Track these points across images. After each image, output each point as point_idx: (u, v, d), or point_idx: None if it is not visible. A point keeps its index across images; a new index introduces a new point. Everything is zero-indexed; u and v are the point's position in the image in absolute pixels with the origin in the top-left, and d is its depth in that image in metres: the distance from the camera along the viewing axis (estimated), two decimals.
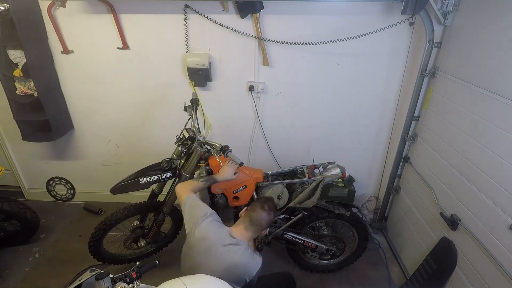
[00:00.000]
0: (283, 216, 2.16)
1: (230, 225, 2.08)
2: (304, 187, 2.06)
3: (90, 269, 1.29)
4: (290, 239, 2.20)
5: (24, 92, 2.42)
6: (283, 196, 2.06)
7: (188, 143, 2.00)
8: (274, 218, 1.68)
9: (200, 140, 1.94)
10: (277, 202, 2.04)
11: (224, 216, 2.09)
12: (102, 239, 2.18)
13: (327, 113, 2.63)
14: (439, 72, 2.15)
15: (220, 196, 2.01)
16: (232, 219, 2.12)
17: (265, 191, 2.05)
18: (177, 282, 1.16)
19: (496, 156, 1.60)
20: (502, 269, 1.55)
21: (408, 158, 2.54)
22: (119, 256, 2.36)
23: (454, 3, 1.97)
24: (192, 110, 2.02)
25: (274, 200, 1.78)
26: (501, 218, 1.56)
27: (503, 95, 1.57)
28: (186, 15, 2.25)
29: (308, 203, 2.05)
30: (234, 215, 2.12)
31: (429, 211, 2.20)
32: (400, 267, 2.54)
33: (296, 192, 2.09)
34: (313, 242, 2.23)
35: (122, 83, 2.54)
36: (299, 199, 2.04)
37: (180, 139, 2.02)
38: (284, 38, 2.29)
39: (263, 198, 1.71)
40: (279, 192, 2.04)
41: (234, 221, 2.12)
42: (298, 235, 2.21)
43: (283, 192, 2.05)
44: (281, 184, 2.05)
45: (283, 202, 2.08)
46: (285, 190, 2.06)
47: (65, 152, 2.93)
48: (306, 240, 2.22)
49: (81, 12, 2.26)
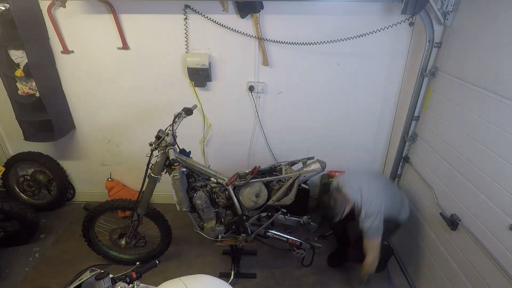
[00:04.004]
0: (266, 214, 2.16)
1: (211, 225, 2.11)
2: (281, 184, 2.04)
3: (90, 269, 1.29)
4: (273, 237, 2.21)
5: (26, 92, 2.42)
6: (262, 194, 2.04)
7: (157, 143, 1.95)
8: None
9: (167, 142, 1.89)
10: (256, 201, 2.03)
11: (205, 216, 2.10)
12: (90, 228, 2.31)
13: (327, 113, 2.64)
14: (439, 72, 2.15)
15: (198, 196, 2.01)
16: (214, 218, 2.12)
17: (243, 190, 2.04)
18: (177, 282, 1.16)
19: (496, 156, 1.60)
20: (502, 269, 1.55)
21: (408, 158, 2.54)
22: (106, 251, 2.43)
23: (454, 3, 1.97)
24: (178, 118, 1.99)
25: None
26: (501, 218, 1.56)
27: (503, 95, 1.57)
28: (186, 15, 2.25)
29: (285, 200, 2.03)
30: (215, 215, 2.12)
31: (429, 211, 2.20)
32: (400, 267, 2.54)
33: (274, 190, 2.07)
34: (297, 239, 2.23)
35: (122, 83, 2.55)
36: (277, 197, 2.02)
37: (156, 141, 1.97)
38: (284, 38, 2.29)
39: None
40: (257, 190, 2.02)
41: (215, 220, 2.13)
42: (281, 233, 2.21)
43: (261, 190, 2.03)
44: (259, 182, 2.03)
45: (262, 200, 2.06)
46: (263, 188, 2.04)
47: (65, 152, 2.93)
48: (290, 238, 2.22)
49: (81, 12, 2.26)
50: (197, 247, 2.64)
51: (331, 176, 2.87)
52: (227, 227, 2.17)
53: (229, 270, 2.41)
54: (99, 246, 2.40)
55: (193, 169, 2.02)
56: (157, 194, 2.17)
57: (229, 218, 2.14)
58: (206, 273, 1.43)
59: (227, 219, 2.15)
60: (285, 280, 2.40)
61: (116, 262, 2.42)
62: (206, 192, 2.05)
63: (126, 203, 2.18)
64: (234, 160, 2.90)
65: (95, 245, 2.38)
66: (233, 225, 2.17)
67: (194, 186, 2.06)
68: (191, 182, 2.06)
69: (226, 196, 2.06)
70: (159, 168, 1.96)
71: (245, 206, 2.06)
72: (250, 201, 2.03)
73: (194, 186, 2.06)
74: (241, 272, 2.41)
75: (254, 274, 2.42)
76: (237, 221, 2.11)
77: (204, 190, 2.05)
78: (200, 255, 2.58)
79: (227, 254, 2.56)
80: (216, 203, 2.10)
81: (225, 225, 2.16)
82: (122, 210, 2.47)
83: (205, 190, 2.06)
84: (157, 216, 2.26)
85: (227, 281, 2.17)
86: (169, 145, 1.87)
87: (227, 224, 2.16)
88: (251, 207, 2.08)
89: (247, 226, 2.13)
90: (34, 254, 2.56)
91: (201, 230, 2.18)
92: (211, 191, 2.07)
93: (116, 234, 2.30)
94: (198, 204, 2.03)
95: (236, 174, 2.04)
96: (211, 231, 2.16)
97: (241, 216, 2.07)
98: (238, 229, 2.17)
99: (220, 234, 2.18)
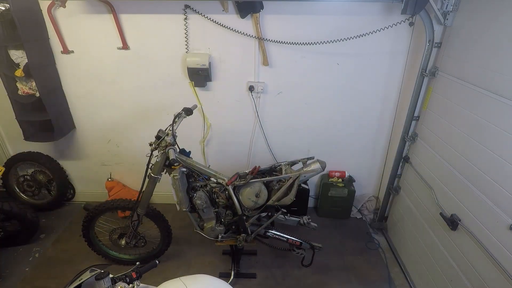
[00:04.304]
0: (266, 214, 2.16)
1: (211, 225, 2.11)
2: (281, 184, 2.04)
3: (90, 269, 1.29)
4: (273, 237, 2.21)
5: (26, 92, 2.42)
6: (261, 194, 2.04)
7: (157, 143, 1.95)
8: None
9: (167, 141, 1.89)
10: (256, 200, 2.03)
11: (205, 216, 2.10)
12: (90, 228, 2.31)
13: (327, 113, 2.64)
14: (439, 72, 2.15)
15: (198, 196, 2.02)
16: (214, 218, 2.12)
17: (243, 190, 2.04)
18: (177, 282, 1.16)
19: (496, 156, 1.60)
20: (502, 269, 1.55)
21: (408, 158, 2.54)
22: (106, 251, 2.43)
23: (454, 3, 1.97)
24: (178, 118, 2.00)
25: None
26: (501, 218, 1.56)
27: (503, 95, 1.57)
28: (186, 15, 2.25)
29: (285, 200, 2.03)
30: (215, 215, 2.12)
31: (429, 211, 2.20)
32: (400, 267, 2.54)
33: (274, 190, 2.07)
34: (297, 239, 2.23)
35: (122, 83, 2.55)
36: (277, 197, 2.03)
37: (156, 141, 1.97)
38: (284, 38, 2.29)
39: None
40: (257, 190, 2.02)
41: (215, 220, 2.13)
42: (281, 233, 2.21)
43: (261, 190, 2.03)
44: (259, 182, 2.03)
45: (262, 200, 2.05)
46: (263, 188, 2.04)
47: (65, 152, 2.93)
48: (290, 238, 2.22)
49: (81, 12, 2.26)
50: (197, 247, 2.64)
51: (331, 176, 2.88)
52: (227, 227, 2.17)
53: (229, 270, 2.41)
54: (99, 246, 2.40)
55: (193, 169, 2.02)
56: (157, 194, 2.18)
57: (229, 218, 2.14)
58: (206, 273, 1.44)
59: (227, 219, 2.15)
60: (285, 280, 2.40)
61: (116, 262, 2.42)
62: (206, 192, 2.05)
63: (126, 203, 2.18)
64: (234, 160, 2.90)
65: (95, 245, 2.38)
66: (233, 225, 2.17)
67: (194, 186, 2.06)
68: (191, 182, 2.06)
69: (226, 196, 2.06)
70: (159, 168, 1.96)
71: (245, 206, 2.06)
72: (250, 201, 2.03)
73: (194, 186, 2.06)
74: (241, 272, 2.41)
75: (254, 274, 2.42)
76: (237, 221, 2.11)
77: (204, 190, 2.06)
78: (200, 255, 2.58)
79: (227, 254, 2.56)
80: (216, 203, 2.10)
81: (225, 225, 2.16)
82: (122, 210, 2.47)
83: (205, 190, 2.06)
84: (157, 216, 2.26)
85: (227, 281, 2.17)
86: (169, 145, 1.88)
87: (227, 224, 2.16)
88: (251, 207, 2.08)
89: (247, 226, 2.13)
90: (34, 254, 2.56)
91: (201, 230, 2.18)
92: (211, 191, 2.07)
93: (116, 234, 2.30)
94: (198, 204, 2.03)
95: (236, 174, 2.04)
96: (211, 231, 2.16)
97: (241, 216, 2.07)
98: (238, 229, 2.17)
99: (220, 234, 2.18)
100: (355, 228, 2.94)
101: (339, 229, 2.91)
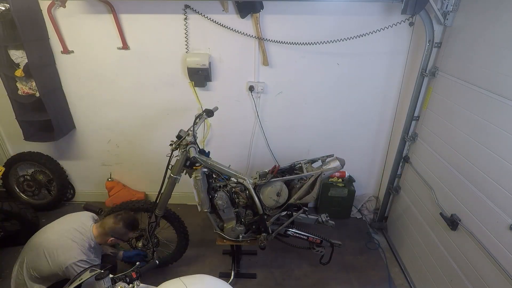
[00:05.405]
0: (286, 213, 2.16)
1: (231, 225, 2.10)
2: (302, 183, 2.04)
3: (90, 269, 1.29)
4: (293, 235, 2.20)
5: (26, 92, 2.42)
6: (282, 193, 2.04)
7: (178, 142, 1.96)
8: (122, 231, 1.79)
9: (188, 141, 1.90)
10: (277, 199, 2.04)
11: (226, 216, 2.10)
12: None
13: (327, 113, 2.64)
14: (439, 72, 2.15)
15: (219, 197, 2.01)
16: (234, 219, 2.12)
17: (264, 190, 2.04)
18: (177, 282, 1.16)
19: (496, 156, 1.60)
20: (502, 269, 1.55)
21: (408, 158, 2.54)
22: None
23: (454, 3, 1.97)
24: (199, 118, 2.02)
25: (134, 218, 1.89)
26: (501, 218, 1.56)
27: (503, 95, 1.57)
28: (186, 15, 2.25)
29: (308, 199, 2.03)
30: (235, 215, 2.12)
31: (429, 211, 2.20)
32: (400, 267, 2.54)
33: (295, 188, 2.08)
34: (317, 237, 2.23)
35: (122, 83, 2.55)
36: (298, 195, 2.02)
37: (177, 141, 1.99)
38: (284, 38, 2.29)
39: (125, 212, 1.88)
40: (278, 189, 2.03)
41: (235, 221, 2.13)
42: (302, 231, 2.20)
43: (282, 189, 2.04)
44: (280, 181, 2.04)
45: (283, 199, 2.06)
46: (284, 187, 2.04)
47: (65, 152, 2.93)
48: (311, 236, 2.21)
49: (81, 12, 2.26)
50: (197, 247, 2.64)
51: (331, 176, 2.87)
52: (247, 227, 2.16)
53: (229, 270, 2.41)
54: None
55: (213, 169, 2.00)
56: (156, 194, 2.17)
57: (249, 218, 2.14)
58: (206, 273, 1.44)
59: (247, 219, 2.14)
60: (285, 280, 2.40)
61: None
62: (226, 192, 2.05)
63: (141, 204, 2.15)
64: (234, 160, 2.89)
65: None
66: (254, 225, 2.16)
67: (214, 186, 2.05)
68: (211, 183, 2.05)
69: (247, 196, 2.05)
70: (179, 168, 1.95)
71: (266, 205, 2.06)
72: (271, 200, 2.03)
73: (214, 186, 2.05)
74: (241, 272, 2.41)
75: (254, 274, 2.42)
76: (257, 220, 2.10)
77: (224, 190, 2.04)
78: (200, 255, 2.58)
79: (227, 254, 2.56)
80: (236, 203, 2.09)
81: (245, 225, 2.15)
82: (137, 212, 2.31)
83: (225, 190, 2.05)
84: (174, 217, 2.23)
85: (227, 281, 2.17)
86: (190, 143, 1.88)
87: (248, 224, 2.15)
88: (272, 206, 2.08)
89: (268, 225, 2.13)
90: None
91: (221, 230, 2.16)
92: (231, 191, 2.06)
93: (132, 238, 2.23)
94: (219, 205, 2.02)
95: (276, 166, 2.04)
96: (231, 232, 2.15)
97: (262, 216, 2.06)
98: (259, 228, 2.16)
99: (240, 234, 2.17)
100: (355, 228, 2.94)
101: (339, 229, 2.90)
